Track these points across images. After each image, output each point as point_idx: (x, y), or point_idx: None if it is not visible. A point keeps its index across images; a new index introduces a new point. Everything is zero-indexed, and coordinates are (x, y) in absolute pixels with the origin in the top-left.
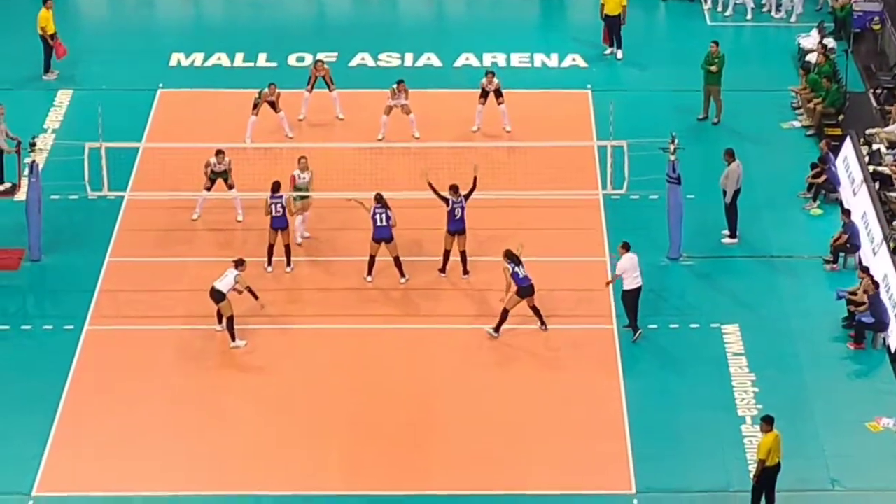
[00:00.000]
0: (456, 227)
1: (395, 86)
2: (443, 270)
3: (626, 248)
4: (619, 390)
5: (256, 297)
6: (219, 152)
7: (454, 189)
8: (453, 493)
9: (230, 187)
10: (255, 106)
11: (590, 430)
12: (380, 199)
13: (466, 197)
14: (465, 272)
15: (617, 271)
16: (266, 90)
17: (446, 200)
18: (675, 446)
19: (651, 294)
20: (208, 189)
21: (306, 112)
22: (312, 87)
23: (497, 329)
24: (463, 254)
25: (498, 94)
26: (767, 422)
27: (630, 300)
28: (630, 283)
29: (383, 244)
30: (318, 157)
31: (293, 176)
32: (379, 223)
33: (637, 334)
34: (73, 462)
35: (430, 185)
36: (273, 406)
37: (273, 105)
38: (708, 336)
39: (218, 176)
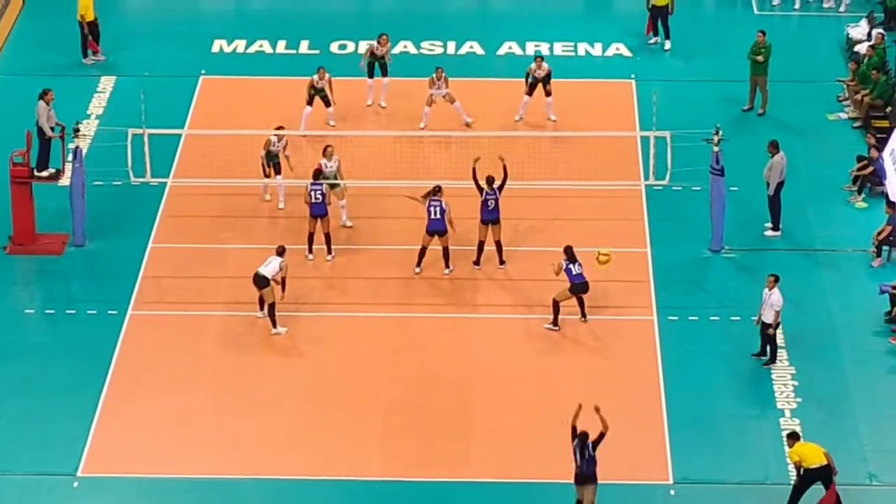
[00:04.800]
0: (489, 216)
1: (433, 74)
2: (477, 262)
3: (776, 280)
4: (658, 381)
5: (283, 289)
6: (279, 128)
7: (489, 181)
8: (492, 480)
9: (276, 173)
10: (311, 98)
11: (628, 421)
12: (436, 192)
13: (500, 188)
14: (501, 262)
15: (775, 307)
16: (315, 76)
17: (481, 190)
18: (713, 438)
19: (692, 286)
20: (266, 174)
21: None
22: (372, 73)
23: (555, 322)
24: (498, 244)
25: (547, 80)
26: (793, 437)
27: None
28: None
29: (436, 237)
30: (362, 145)
31: (319, 164)
32: (433, 216)
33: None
34: (117, 444)
35: (473, 170)
36: (313, 392)
37: (325, 99)
38: (748, 329)
39: (272, 159)
